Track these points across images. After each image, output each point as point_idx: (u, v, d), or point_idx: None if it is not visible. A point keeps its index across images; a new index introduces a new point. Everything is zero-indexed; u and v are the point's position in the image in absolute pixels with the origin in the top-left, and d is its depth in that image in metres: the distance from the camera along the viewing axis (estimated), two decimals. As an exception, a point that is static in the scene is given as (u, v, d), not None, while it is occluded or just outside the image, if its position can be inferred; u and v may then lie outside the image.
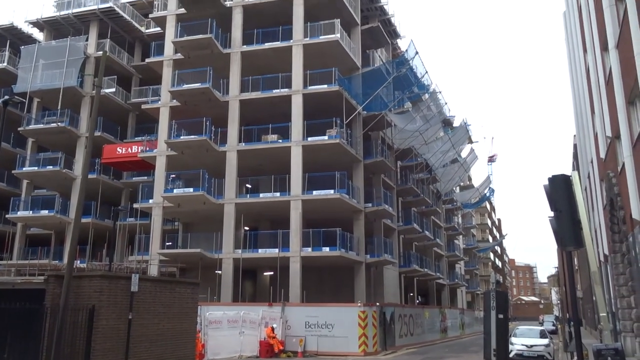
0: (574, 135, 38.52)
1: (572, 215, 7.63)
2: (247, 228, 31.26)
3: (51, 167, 36.54)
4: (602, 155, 19.71)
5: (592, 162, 25.61)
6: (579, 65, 27.05)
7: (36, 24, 41.49)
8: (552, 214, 8.65)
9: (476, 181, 79.30)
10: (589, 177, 28.58)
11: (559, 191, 7.71)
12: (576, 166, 38.20)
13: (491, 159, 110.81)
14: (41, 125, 37.48)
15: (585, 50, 22.99)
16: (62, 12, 40.75)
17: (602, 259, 24.59)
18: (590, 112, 23.50)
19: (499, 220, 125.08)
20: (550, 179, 7.90)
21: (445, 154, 44.53)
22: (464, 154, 52.25)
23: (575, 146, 38.84)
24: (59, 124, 36.52)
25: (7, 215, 36.95)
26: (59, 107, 36.16)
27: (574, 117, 34.72)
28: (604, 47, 16.65)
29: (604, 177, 20.35)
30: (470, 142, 54.79)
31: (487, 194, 71.76)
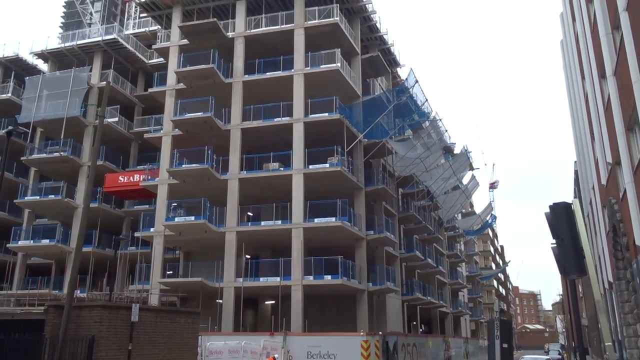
0: (575, 162, 38.59)
1: (574, 243, 7.60)
2: (248, 256, 31.11)
3: (53, 196, 36.63)
4: (603, 181, 19.72)
5: (593, 188, 25.60)
6: (578, 92, 27.28)
7: (41, 55, 42.13)
8: (554, 241, 8.62)
9: (478, 208, 79.19)
10: (590, 203, 28.52)
11: (561, 219, 7.70)
12: (578, 192, 38.16)
13: (492, 186, 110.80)
14: (44, 155, 37.71)
15: (583, 78, 23.21)
16: (67, 44, 41.45)
17: (606, 286, 24.35)
18: (590, 138, 23.59)
19: (501, 247, 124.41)
20: (551, 207, 7.90)
21: (447, 181, 44.55)
22: (465, 180, 52.30)
23: (576, 172, 38.86)
24: (62, 153, 36.74)
25: (8, 245, 36.87)
26: (61, 137, 36.42)
27: (573, 143, 34.86)
28: (602, 75, 16.82)
29: (605, 204, 20.32)
30: (471, 169, 54.91)
31: (489, 221, 71.58)
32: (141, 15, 47.42)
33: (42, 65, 43.76)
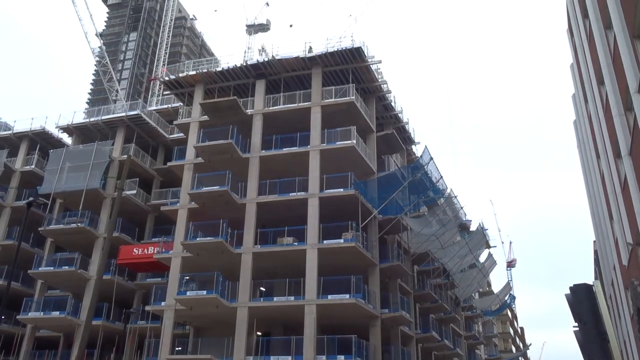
0: (594, 241, 37.86)
1: (598, 327, 7.31)
2: (259, 333, 30.34)
3: (67, 267, 36.63)
4: (625, 262, 19.21)
5: (614, 269, 24.93)
6: (594, 171, 27.22)
7: (66, 129, 43.62)
8: (576, 324, 8.29)
9: (496, 287, 77.20)
10: (612, 284, 27.66)
11: (582, 302, 7.45)
12: (598, 273, 37.14)
13: (510, 265, 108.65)
14: (61, 226, 38.10)
15: (598, 157, 23.24)
16: (92, 119, 43.01)
17: (634, 373, 23.10)
18: (608, 217, 23.27)
19: (521, 329, 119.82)
20: (572, 289, 7.67)
21: (463, 259, 43.80)
22: (481, 259, 51.38)
23: (595, 252, 38.02)
24: (79, 224, 37.11)
25: (18, 317, 36.49)
26: (80, 208, 36.94)
27: (591, 222, 34.35)
28: (617, 155, 16.83)
29: (628, 285, 19.70)
30: (488, 246, 54.08)
31: (508, 301, 69.51)
32: (164, 92, 49.37)
33: (67, 139, 45.22)
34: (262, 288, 31.63)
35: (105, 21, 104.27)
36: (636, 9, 11.02)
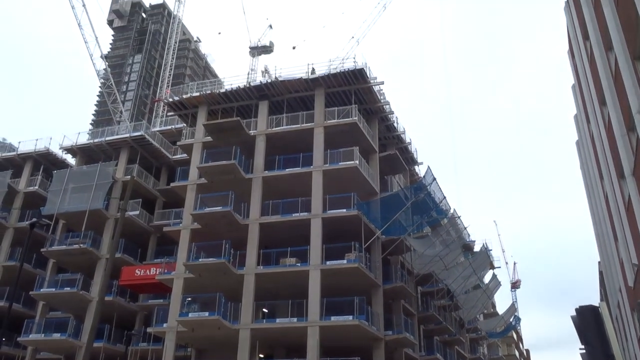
0: (599, 262, 37.58)
1: (605, 349, 7.21)
2: (262, 355, 30.03)
3: (69, 288, 36.45)
4: (631, 283, 19.04)
5: (620, 290, 24.70)
6: (597, 192, 27.16)
7: (70, 150, 43.80)
8: (582, 346, 8.19)
9: (500, 309, 76.44)
10: (618, 306, 27.38)
11: (588, 324, 7.36)
12: (604, 294, 36.79)
13: (515, 286, 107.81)
14: (63, 247, 38.03)
15: (601, 177, 23.21)
16: (96, 140, 43.20)
17: (642, 397, 22.70)
18: (613, 238, 23.13)
19: (527, 351, 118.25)
20: (578, 311, 7.58)
21: (467, 280, 43.48)
22: (486, 279, 50.98)
23: (601, 273, 37.72)
24: (81, 245, 37.04)
25: (18, 339, 36.23)
26: (82, 229, 36.92)
27: (595, 243, 34.14)
28: (621, 175, 16.81)
29: (634, 307, 19.49)
30: (492, 267, 53.72)
31: (513, 323, 68.71)
32: (168, 113, 49.71)
33: (71, 160, 45.41)
34: (264, 309, 31.40)
35: (111, 43, 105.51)
36: (637, 31, 11.12)
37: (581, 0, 17.65)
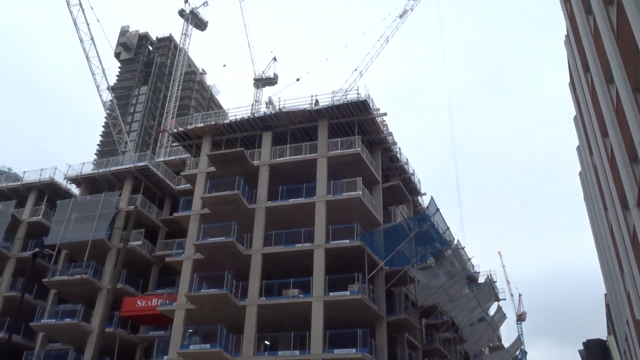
0: (605, 294, 37.12)
1: (614, 384, 7.07)
2: (263, 390, 29.46)
3: (69, 319, 36.09)
4: (638, 316, 18.77)
5: (627, 323, 24.33)
6: (602, 223, 27.02)
7: (74, 180, 44.01)
8: (591, 382, 8.03)
9: (506, 342, 75.14)
10: (626, 339, 26.93)
11: (596, 357, 7.25)
12: (611, 327, 36.22)
13: (520, 318, 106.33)
14: (65, 277, 37.81)
15: (605, 209, 23.11)
16: (100, 170, 43.46)
17: None
18: (619, 269, 22.91)
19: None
20: (585, 344, 7.48)
21: (472, 312, 42.90)
22: (491, 312, 50.31)
23: (607, 306, 37.22)
24: (83, 275, 36.85)
25: (17, 371, 35.73)
26: (85, 259, 36.78)
27: (601, 274, 33.79)
28: (625, 206, 16.75)
29: (643, 341, 19.15)
30: (497, 299, 53.06)
31: (519, 356, 67.45)
32: (172, 144, 50.05)
33: (75, 190, 45.56)
34: (266, 342, 30.97)
35: (117, 75, 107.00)
36: (637, 63, 11.24)
37: (581, 33, 17.90)
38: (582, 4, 17.33)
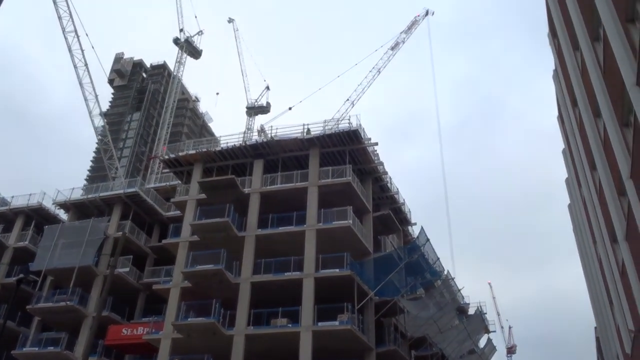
0: (595, 328, 36.96)
1: (604, 420, 6.99)
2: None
3: (52, 347, 35.35)
4: (628, 350, 18.68)
5: (617, 357, 24.18)
6: (591, 256, 27.08)
7: (63, 205, 43.61)
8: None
9: (497, 375, 74.27)
10: (617, 374, 26.70)
11: (586, 392, 7.17)
12: (602, 361, 35.95)
13: (510, 351, 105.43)
14: (49, 304, 37.13)
15: (594, 241, 23.21)
16: (90, 195, 43.13)
17: None
18: (608, 303, 22.88)
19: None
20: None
21: (462, 344, 42.49)
22: (481, 344, 49.85)
23: (597, 339, 37.03)
24: (68, 302, 36.20)
25: (-4, 401, 34.74)
26: (71, 286, 36.19)
27: (591, 307, 33.71)
28: (614, 239, 16.83)
29: (633, 375, 19.00)
30: (487, 331, 52.61)
31: (510, 390, 66.69)
32: (164, 170, 49.92)
33: (63, 215, 45.08)
34: (254, 373, 30.39)
35: (110, 101, 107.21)
36: (623, 98, 11.45)
37: (569, 68, 18.25)
38: (569, 40, 17.74)
